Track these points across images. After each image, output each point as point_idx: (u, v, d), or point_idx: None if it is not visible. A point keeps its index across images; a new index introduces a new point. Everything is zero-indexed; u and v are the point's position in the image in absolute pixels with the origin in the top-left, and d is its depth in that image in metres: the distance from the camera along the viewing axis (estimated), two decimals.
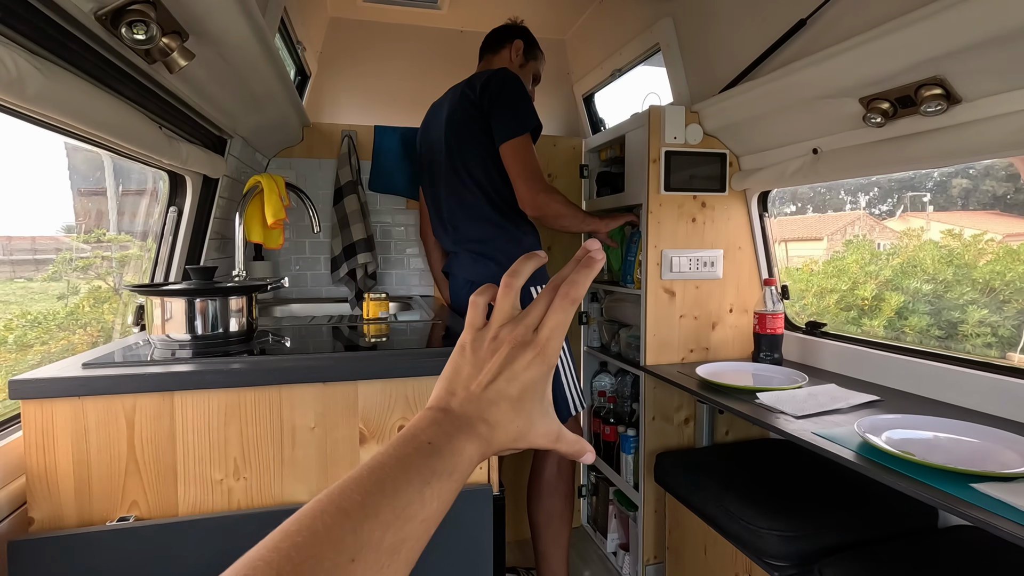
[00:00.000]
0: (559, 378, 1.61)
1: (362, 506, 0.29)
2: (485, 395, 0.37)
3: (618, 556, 2.02)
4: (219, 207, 1.57)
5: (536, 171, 1.54)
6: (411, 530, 0.30)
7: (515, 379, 0.37)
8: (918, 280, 1.66)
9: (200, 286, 1.04)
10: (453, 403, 0.37)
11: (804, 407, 1.25)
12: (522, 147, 1.53)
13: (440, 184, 1.71)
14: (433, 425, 0.35)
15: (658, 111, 1.71)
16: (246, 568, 0.24)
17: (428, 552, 0.94)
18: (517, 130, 1.53)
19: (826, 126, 1.41)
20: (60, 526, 0.83)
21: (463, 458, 0.34)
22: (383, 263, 2.16)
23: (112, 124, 0.92)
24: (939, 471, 0.92)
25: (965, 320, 1.51)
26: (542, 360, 0.38)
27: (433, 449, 0.34)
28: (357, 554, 0.27)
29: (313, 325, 1.39)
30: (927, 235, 1.70)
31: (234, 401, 0.88)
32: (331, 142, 2.08)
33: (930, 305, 1.61)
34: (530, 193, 1.53)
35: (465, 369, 0.39)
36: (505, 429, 0.37)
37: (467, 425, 0.36)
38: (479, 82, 1.58)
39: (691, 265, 1.78)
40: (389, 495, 0.30)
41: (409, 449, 0.33)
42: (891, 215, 1.84)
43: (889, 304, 1.70)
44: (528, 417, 0.38)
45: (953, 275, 1.61)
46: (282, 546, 0.26)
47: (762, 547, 1.21)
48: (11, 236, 1.22)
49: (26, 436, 0.81)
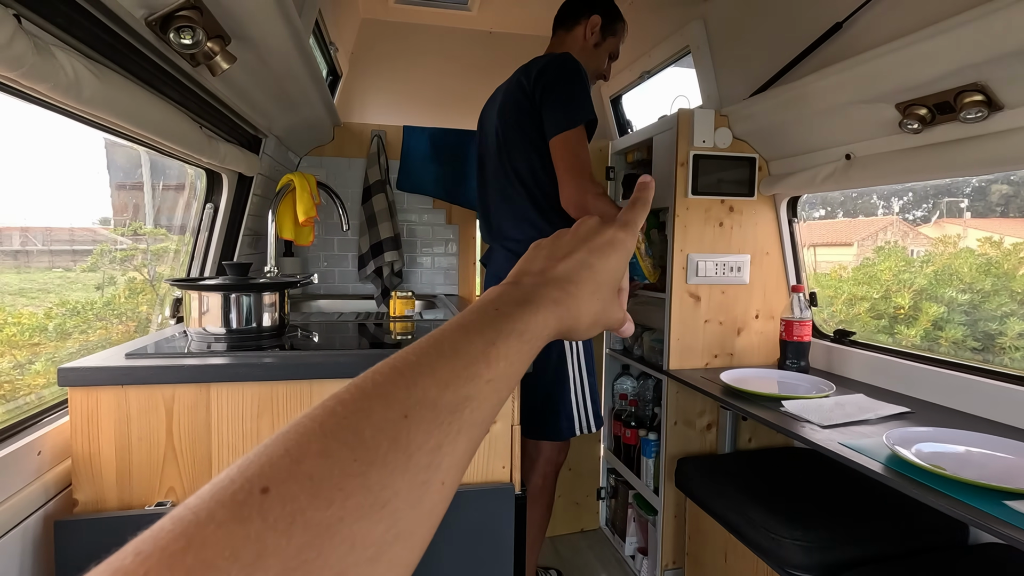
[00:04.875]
0: (567, 392, 1.51)
1: (417, 365, 0.27)
2: (563, 266, 0.35)
3: (636, 560, 2.02)
4: (253, 204, 1.62)
5: (587, 169, 1.40)
6: (475, 389, 0.27)
7: (597, 251, 0.36)
8: (954, 289, 1.62)
9: (236, 282, 1.08)
10: (525, 280, 0.35)
11: (831, 417, 1.23)
12: (574, 141, 1.39)
13: (488, 176, 1.63)
14: (501, 296, 0.33)
15: (687, 114, 1.70)
16: (293, 427, 0.23)
17: (450, 550, 0.95)
18: (570, 123, 1.39)
19: (860, 132, 1.39)
20: (102, 508, 0.86)
21: (535, 321, 0.32)
22: (409, 261, 2.20)
23: (158, 125, 0.96)
24: (970, 486, 0.90)
25: (1004, 332, 1.46)
26: (622, 241, 0.38)
27: (500, 314, 0.31)
28: (410, 410, 0.24)
29: (341, 321, 1.42)
30: (963, 242, 1.66)
31: (267, 394, 0.91)
32: (361, 141, 2.12)
33: (966, 316, 1.56)
34: (578, 194, 1.39)
35: (540, 255, 0.37)
36: (583, 303, 0.35)
37: (540, 295, 0.33)
38: (535, 68, 1.45)
39: (717, 270, 1.77)
40: (448, 355, 0.28)
41: (473, 316, 0.31)
42: (926, 221, 1.79)
43: (927, 314, 1.66)
44: (603, 299, 0.37)
45: (991, 285, 1.56)
46: (328, 403, 0.24)
47: (784, 556, 1.20)
48: (51, 227, 1.26)
49: (73, 422, 0.85)
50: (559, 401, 1.49)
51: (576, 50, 1.55)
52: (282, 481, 0.20)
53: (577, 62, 1.43)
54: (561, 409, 1.50)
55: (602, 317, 0.37)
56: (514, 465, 1.02)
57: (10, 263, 1.18)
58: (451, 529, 0.94)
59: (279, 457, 0.21)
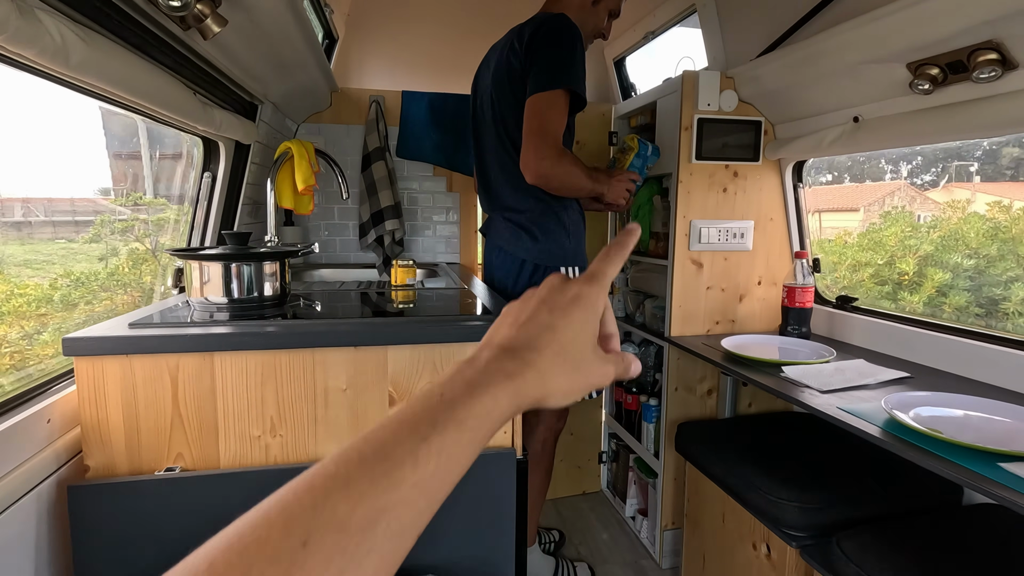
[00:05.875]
0: None
1: (333, 476, 0.24)
2: (523, 332, 0.33)
3: (636, 521, 2.07)
4: (251, 173, 1.60)
5: (550, 134, 1.31)
6: (396, 497, 0.25)
7: (559, 310, 0.33)
8: (959, 255, 1.60)
9: (236, 251, 1.08)
10: (482, 354, 0.32)
11: (830, 382, 1.24)
12: (545, 104, 1.31)
13: (486, 145, 1.57)
14: (453, 376, 0.30)
15: (692, 76, 1.66)
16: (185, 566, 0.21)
17: (453, 514, 0.97)
18: (547, 85, 1.31)
19: (869, 93, 1.35)
20: (113, 474, 0.89)
21: (481, 405, 0.29)
22: (410, 230, 2.18)
23: (151, 91, 0.94)
24: (967, 449, 0.91)
25: (1008, 298, 1.45)
26: (588, 296, 0.34)
27: (443, 401, 0.29)
28: (311, 535, 0.22)
29: (343, 290, 1.43)
30: (972, 207, 1.63)
31: (270, 362, 0.92)
32: (359, 108, 2.08)
33: (971, 281, 1.55)
34: (534, 159, 1.31)
35: (506, 321, 0.35)
36: (548, 370, 0.32)
37: (492, 371, 0.31)
38: (528, 31, 1.38)
39: (720, 236, 1.75)
40: (370, 460, 0.25)
41: (415, 406, 0.28)
42: (934, 186, 1.76)
43: (931, 280, 1.64)
44: (573, 361, 0.33)
45: (998, 250, 1.55)
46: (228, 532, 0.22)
47: (781, 517, 1.22)
48: (52, 198, 1.25)
49: (80, 390, 0.86)
50: None
51: (574, 7, 1.48)
52: None
53: (573, 25, 1.36)
54: None
55: (579, 380, 0.34)
56: (515, 430, 1.03)
57: (13, 234, 1.18)
58: (454, 494, 0.96)
59: None
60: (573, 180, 1.38)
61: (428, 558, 0.97)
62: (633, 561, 1.91)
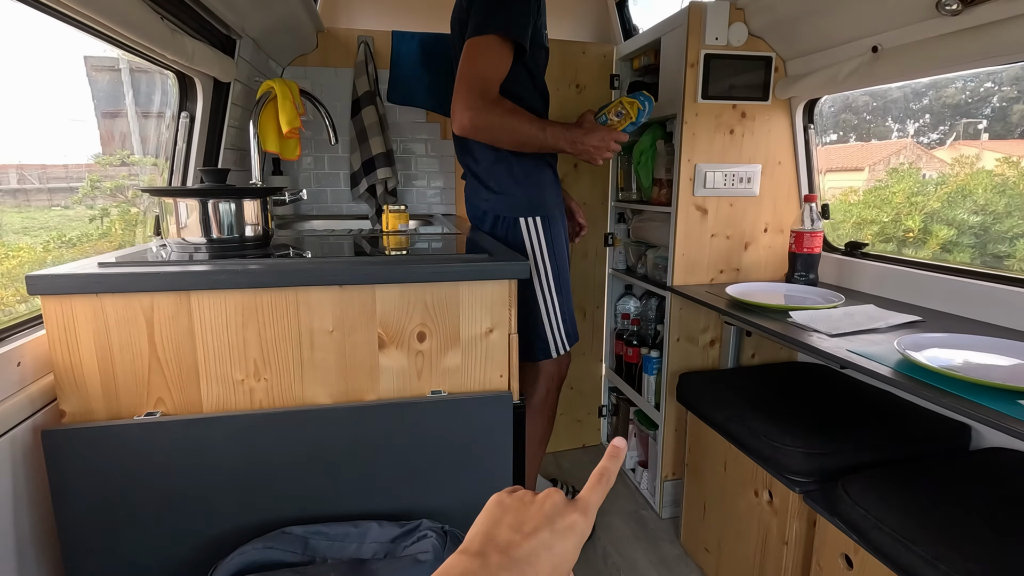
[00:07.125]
0: (538, 316, 1.44)
1: None
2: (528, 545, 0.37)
3: (636, 472, 2.07)
4: (232, 116, 1.51)
5: (478, 81, 1.20)
6: None
7: (558, 533, 0.38)
8: (965, 211, 1.54)
9: (213, 187, 1.01)
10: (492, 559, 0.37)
11: (839, 326, 1.19)
12: (476, 50, 1.21)
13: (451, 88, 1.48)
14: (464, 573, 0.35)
15: (699, 8, 1.55)
16: None
17: (449, 462, 0.94)
18: (480, 28, 1.21)
19: (890, 19, 1.26)
20: (90, 419, 0.85)
21: None
22: (403, 179, 2.11)
23: (107, 6, 0.86)
24: (983, 387, 0.87)
25: (1012, 254, 1.40)
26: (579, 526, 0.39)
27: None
28: None
29: (332, 237, 1.37)
30: (980, 164, 1.56)
31: (250, 303, 0.87)
32: (347, 49, 1.97)
33: (976, 238, 1.49)
34: (460, 108, 1.21)
35: (505, 521, 0.39)
36: None
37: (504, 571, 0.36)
38: None
39: (726, 181, 1.68)
40: None
41: None
42: (941, 144, 1.68)
43: (936, 237, 1.59)
44: None
45: (1004, 207, 1.48)
46: None
47: (784, 463, 1.20)
48: (46, 164, 1.22)
49: (49, 332, 0.81)
50: (532, 326, 1.44)
51: None
52: None
53: None
54: (536, 333, 1.45)
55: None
56: (512, 375, 0.99)
57: (10, 202, 1.16)
58: (451, 436, 0.93)
59: None
60: (510, 134, 1.26)
61: (424, 504, 0.94)
62: (633, 512, 1.91)
